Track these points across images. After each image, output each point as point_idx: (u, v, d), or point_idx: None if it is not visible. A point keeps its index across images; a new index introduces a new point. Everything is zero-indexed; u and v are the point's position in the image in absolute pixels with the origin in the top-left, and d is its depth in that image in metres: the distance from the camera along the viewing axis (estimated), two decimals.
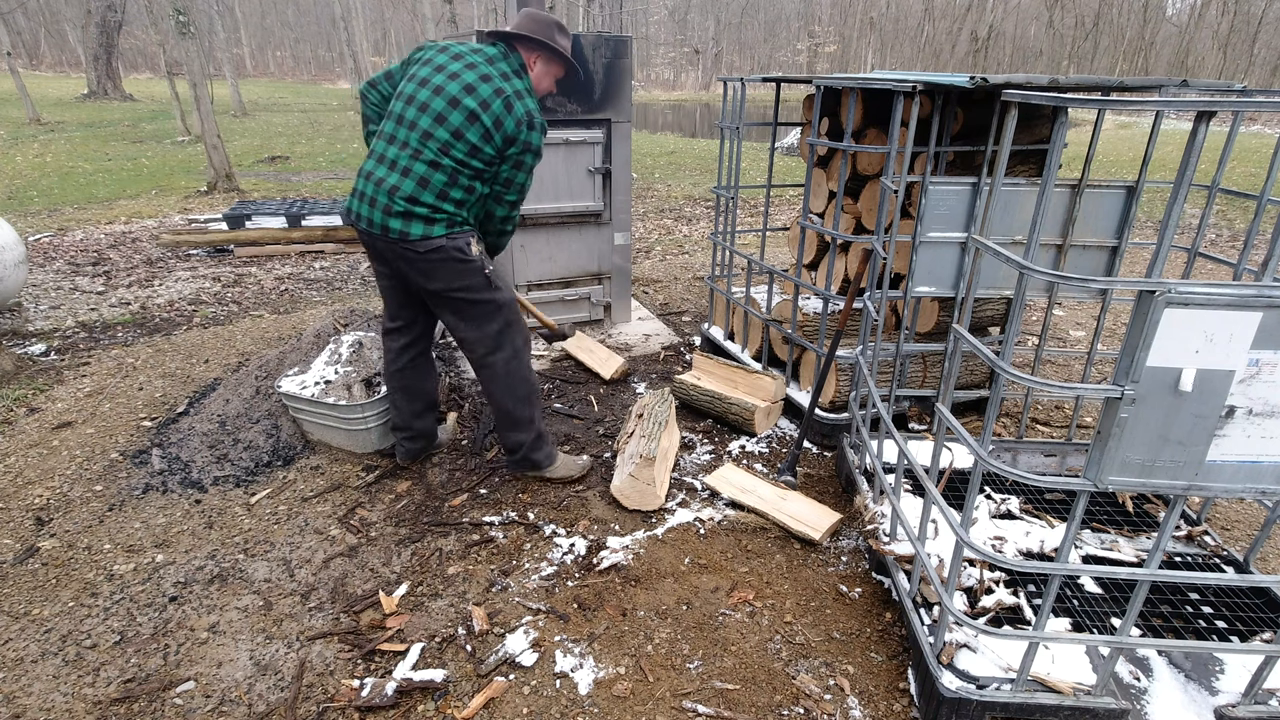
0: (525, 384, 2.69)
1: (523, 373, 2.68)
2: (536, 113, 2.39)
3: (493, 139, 2.34)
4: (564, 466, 2.89)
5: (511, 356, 2.64)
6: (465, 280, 2.47)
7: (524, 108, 2.35)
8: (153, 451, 3.09)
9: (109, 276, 5.64)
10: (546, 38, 2.44)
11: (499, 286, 2.56)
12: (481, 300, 2.53)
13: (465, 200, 2.41)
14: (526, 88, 2.42)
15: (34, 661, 2.04)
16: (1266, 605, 2.08)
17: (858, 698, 1.97)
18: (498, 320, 2.58)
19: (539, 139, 2.40)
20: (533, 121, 2.37)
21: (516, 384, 2.67)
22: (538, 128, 2.39)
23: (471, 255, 2.46)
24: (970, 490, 1.62)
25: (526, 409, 2.72)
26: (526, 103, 2.36)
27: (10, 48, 18.14)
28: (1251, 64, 27.62)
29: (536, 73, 2.50)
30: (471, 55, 2.40)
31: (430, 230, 2.37)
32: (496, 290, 2.55)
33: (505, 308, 2.59)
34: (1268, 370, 1.34)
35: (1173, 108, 1.34)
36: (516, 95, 2.35)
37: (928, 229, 2.40)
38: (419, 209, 2.35)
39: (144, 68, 36.91)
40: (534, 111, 2.38)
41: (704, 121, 23.17)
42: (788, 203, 9.06)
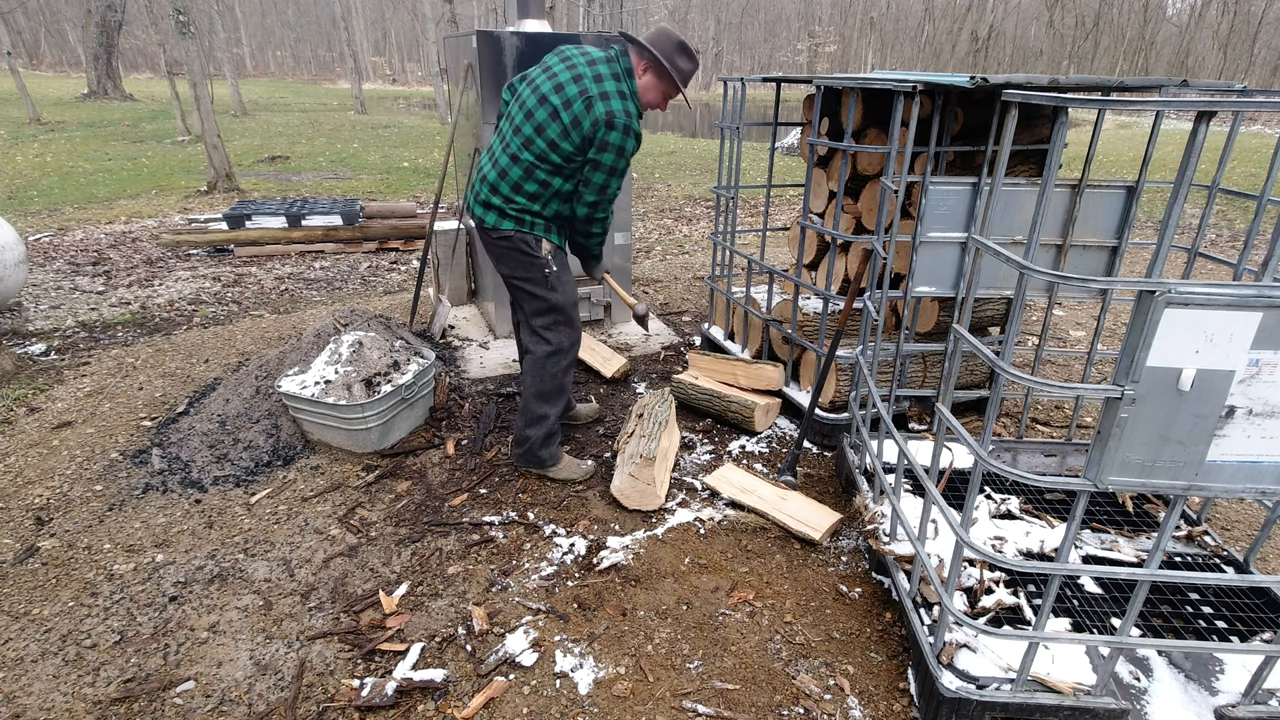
0: (554, 382, 2.76)
1: (555, 371, 2.75)
2: (622, 114, 2.38)
3: (570, 136, 2.39)
4: (567, 468, 2.92)
5: (551, 353, 2.72)
6: (527, 272, 2.61)
7: (606, 108, 2.35)
8: (153, 451, 3.09)
9: (109, 276, 5.64)
10: (660, 52, 2.45)
11: (556, 288, 2.64)
12: (538, 295, 2.65)
13: (540, 194, 2.49)
14: (623, 90, 2.42)
15: (34, 661, 2.04)
16: (1266, 605, 2.08)
17: (858, 698, 1.97)
18: (548, 316, 2.69)
19: (619, 139, 2.38)
20: (613, 121, 2.37)
21: (546, 379, 2.75)
22: (619, 128, 2.37)
23: (536, 252, 2.58)
24: (970, 490, 1.62)
25: (546, 407, 2.78)
26: (613, 104, 2.36)
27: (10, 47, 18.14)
28: (1251, 64, 27.62)
29: (644, 82, 2.50)
30: (578, 56, 2.46)
31: (501, 223, 2.54)
32: (553, 290, 2.64)
33: (559, 309, 2.68)
34: (1268, 370, 1.34)
35: (1173, 108, 1.34)
36: (603, 96, 2.36)
37: (928, 229, 2.40)
38: (495, 199, 2.53)
39: (144, 68, 36.90)
40: (617, 112, 2.37)
41: (704, 121, 23.17)
42: (788, 203, 9.06)
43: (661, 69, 2.47)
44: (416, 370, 3.20)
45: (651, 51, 2.44)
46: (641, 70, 2.49)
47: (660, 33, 2.49)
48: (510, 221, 2.55)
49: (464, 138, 4.47)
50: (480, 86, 3.74)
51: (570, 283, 2.73)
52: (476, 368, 3.98)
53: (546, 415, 2.79)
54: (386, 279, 5.86)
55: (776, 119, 3.59)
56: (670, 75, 2.48)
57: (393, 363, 3.21)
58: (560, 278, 2.67)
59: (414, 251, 6.69)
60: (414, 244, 6.75)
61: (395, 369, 3.19)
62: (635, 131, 2.41)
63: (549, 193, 2.51)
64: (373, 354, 3.21)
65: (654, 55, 2.44)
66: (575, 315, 2.75)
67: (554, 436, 2.87)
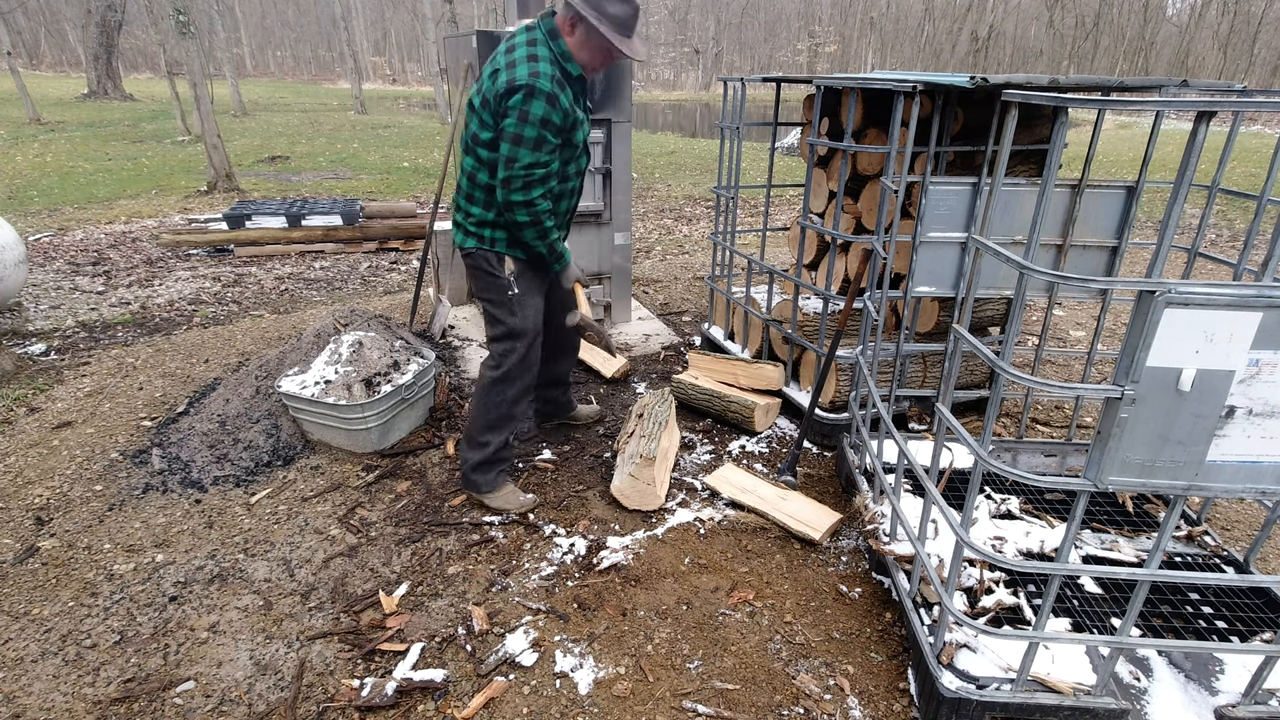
0: (499, 410, 2.61)
1: (500, 400, 2.60)
2: (525, 77, 2.13)
3: (486, 122, 2.26)
4: (503, 498, 2.73)
5: (500, 378, 2.58)
6: (489, 293, 2.52)
7: (508, 77, 2.15)
8: (153, 451, 3.09)
9: (109, 276, 5.64)
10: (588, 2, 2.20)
11: (516, 312, 2.51)
12: (498, 317, 2.54)
13: (487, 201, 2.39)
14: (534, 54, 2.20)
15: (34, 661, 2.04)
16: (1266, 605, 2.08)
17: (858, 698, 1.97)
18: (504, 342, 2.56)
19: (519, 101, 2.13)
20: (513, 85, 2.14)
21: (491, 405, 2.60)
22: (520, 90, 2.13)
23: (497, 271, 2.47)
24: (970, 490, 1.62)
25: (489, 434, 2.64)
26: (516, 70, 2.15)
27: (10, 47, 18.14)
28: (1251, 64, 27.63)
29: (574, 41, 2.27)
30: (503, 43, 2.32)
31: (465, 241, 2.49)
32: (512, 315, 2.52)
33: (516, 335, 2.54)
34: (1268, 370, 1.34)
35: (1173, 108, 1.34)
36: (509, 66, 2.18)
37: (928, 229, 2.40)
38: (458, 215, 2.50)
39: (144, 68, 36.90)
40: (519, 77, 2.13)
41: (704, 121, 23.16)
42: (788, 203, 9.06)
43: (588, 22, 2.21)
44: (416, 370, 3.20)
45: (572, 5, 2.20)
46: (569, 28, 2.26)
47: None
48: (472, 239, 2.45)
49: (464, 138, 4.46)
50: None
51: (534, 309, 2.57)
52: (476, 368, 3.98)
53: (487, 443, 2.64)
54: (386, 279, 5.86)
55: (776, 119, 3.59)
56: (597, 26, 2.20)
57: (393, 363, 3.21)
58: (523, 302, 2.51)
59: (414, 251, 6.69)
60: (414, 244, 6.75)
61: (395, 369, 3.19)
62: (544, 92, 2.14)
63: (492, 197, 2.35)
64: (373, 354, 3.21)
65: (575, 8, 2.20)
66: (533, 346, 2.59)
67: (493, 465, 2.70)
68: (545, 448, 3.21)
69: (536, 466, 3.06)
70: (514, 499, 2.74)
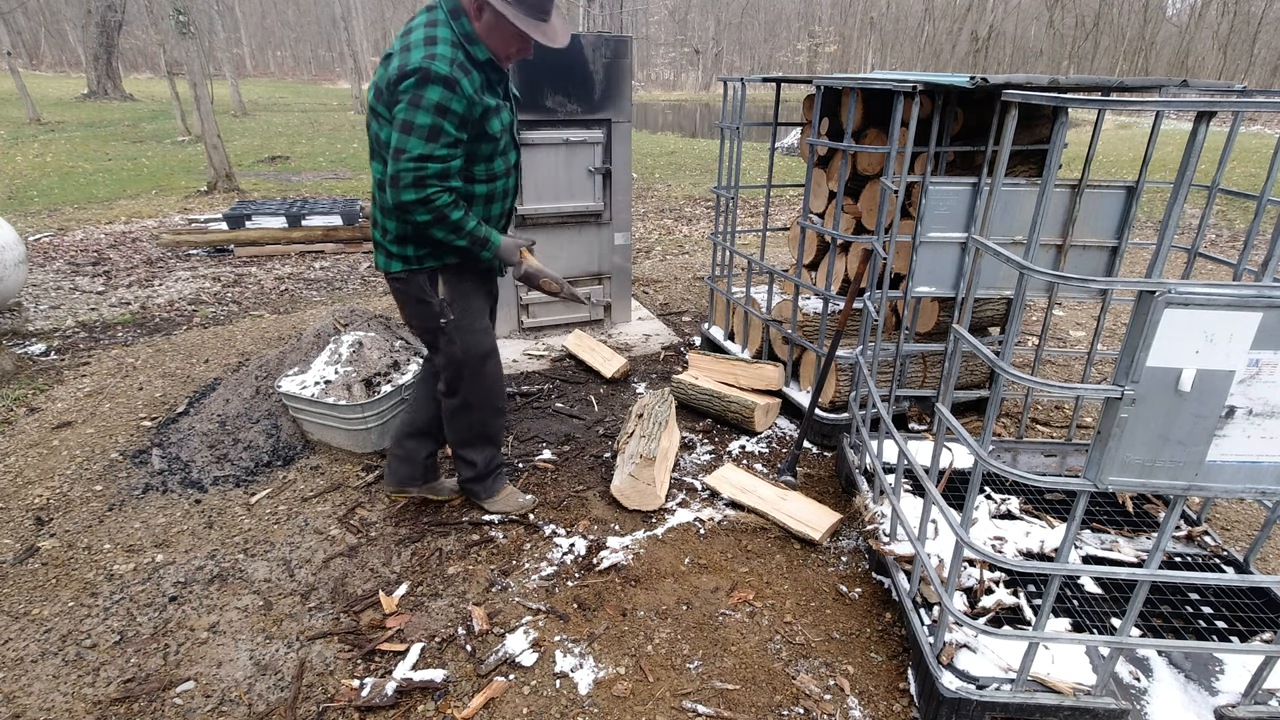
0: (470, 431, 2.51)
1: (469, 421, 2.48)
2: (419, 60, 1.90)
3: (384, 117, 2.01)
4: (502, 501, 2.69)
5: (459, 407, 2.44)
6: (423, 321, 2.31)
7: (401, 61, 1.93)
8: (153, 451, 3.09)
9: (109, 276, 5.64)
10: None
11: (455, 341, 2.30)
12: (438, 347, 2.34)
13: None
14: (431, 36, 1.96)
15: (34, 661, 2.04)
16: (1266, 605, 2.08)
17: (858, 698, 1.97)
18: (450, 370, 2.37)
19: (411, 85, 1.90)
20: (404, 69, 1.91)
21: (460, 430, 2.51)
22: (413, 75, 1.90)
23: (429, 297, 2.24)
24: (970, 490, 1.62)
25: (471, 451, 2.56)
26: (410, 55, 1.92)
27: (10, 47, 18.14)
28: (1251, 64, 27.63)
29: (484, 25, 2.02)
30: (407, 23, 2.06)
31: (390, 265, 2.23)
32: (452, 344, 2.31)
33: (459, 364, 2.35)
34: (1268, 370, 1.34)
35: (1173, 108, 1.34)
36: (404, 49, 1.95)
37: (928, 229, 2.40)
38: (375, 234, 2.25)
39: (144, 68, 36.90)
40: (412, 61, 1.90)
41: (704, 121, 23.17)
42: (788, 203, 9.05)
43: (493, 7, 1.97)
44: (416, 370, 3.20)
45: None
46: (475, 12, 2.01)
47: None
48: (397, 261, 2.20)
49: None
50: None
51: (478, 331, 2.36)
52: None
53: (473, 460, 2.57)
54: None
55: (776, 119, 3.59)
56: (504, 12, 1.97)
57: (393, 363, 3.21)
58: (461, 327, 2.30)
59: None
60: None
61: (395, 369, 3.19)
62: (441, 75, 1.90)
63: None
64: (372, 354, 3.21)
65: None
66: (487, 366, 2.40)
67: (487, 476, 2.64)
68: (545, 448, 3.21)
69: (537, 466, 3.06)
70: (513, 500, 2.71)
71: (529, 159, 3.94)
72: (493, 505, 2.70)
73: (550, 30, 2.07)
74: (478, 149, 2.10)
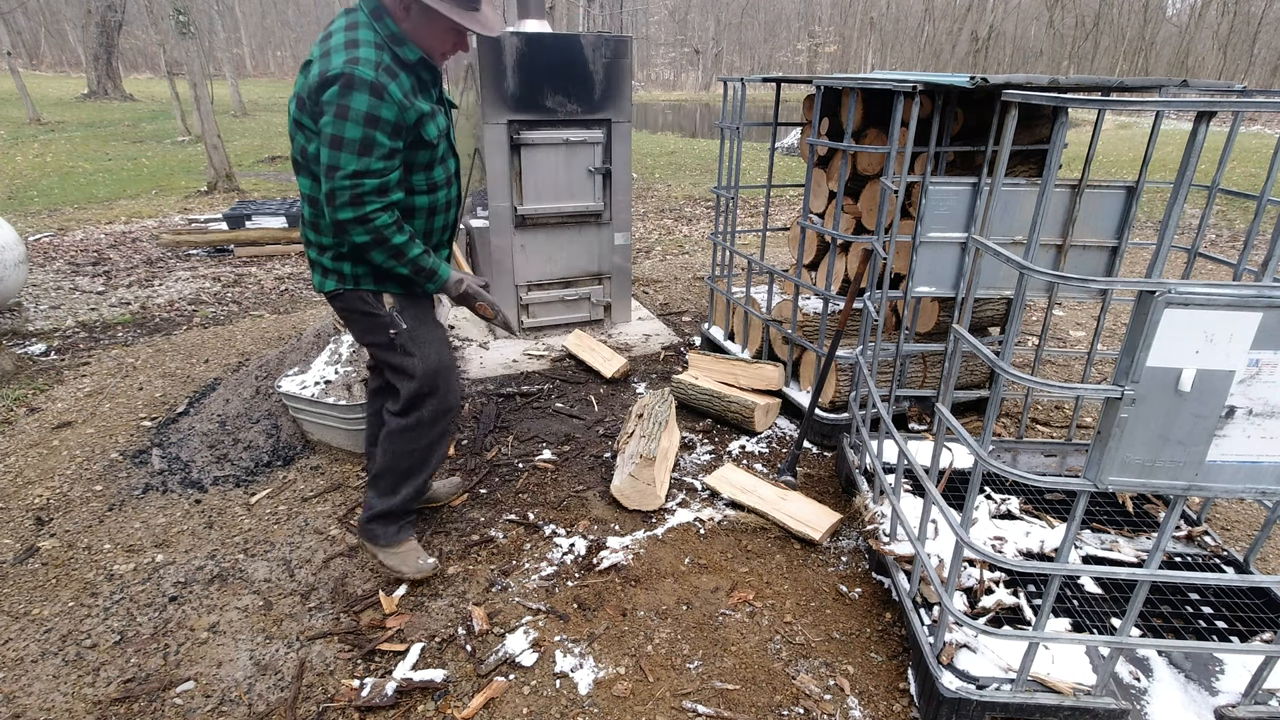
0: (410, 459, 2.25)
1: (414, 447, 2.24)
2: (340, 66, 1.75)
3: (308, 128, 1.87)
4: (400, 557, 2.33)
5: (410, 425, 2.20)
6: (374, 336, 2.13)
7: (322, 67, 1.78)
8: (153, 451, 3.09)
9: (109, 276, 5.64)
10: None
11: (412, 353, 2.11)
12: (392, 363, 2.15)
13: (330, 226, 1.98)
14: (355, 39, 1.82)
15: (34, 661, 2.04)
16: (1266, 605, 2.08)
17: (858, 698, 1.97)
18: (408, 385, 2.15)
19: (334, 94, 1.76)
20: (325, 77, 1.76)
21: (401, 455, 2.24)
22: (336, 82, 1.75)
23: (376, 309, 2.07)
24: (970, 490, 1.62)
25: (396, 481, 2.27)
26: (331, 60, 1.78)
27: (10, 47, 18.15)
28: (1251, 64, 27.63)
29: (412, 26, 1.88)
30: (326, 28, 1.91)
31: (325, 283, 2.08)
32: (408, 356, 2.11)
33: (420, 378, 2.14)
34: (1268, 370, 1.34)
35: (1173, 108, 1.34)
36: (324, 55, 1.81)
37: (928, 229, 2.40)
38: (310, 253, 2.08)
39: (144, 68, 36.90)
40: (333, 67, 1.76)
41: (704, 121, 23.17)
42: (788, 203, 9.05)
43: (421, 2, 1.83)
44: None
45: None
46: (403, 10, 1.87)
47: None
48: (332, 278, 2.04)
49: (464, 138, 4.47)
50: (480, 86, 3.74)
51: (434, 341, 2.16)
52: (476, 368, 3.98)
53: (394, 490, 2.27)
54: None
55: (776, 119, 3.59)
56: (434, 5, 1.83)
57: None
58: (415, 336, 2.11)
59: None
60: None
61: None
62: (366, 81, 1.76)
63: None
64: None
65: None
66: (444, 381, 2.19)
67: (395, 519, 2.33)
68: (545, 448, 3.21)
69: (537, 466, 3.06)
70: (413, 561, 2.33)
71: (529, 159, 3.94)
72: (389, 559, 2.32)
73: (483, 18, 1.93)
74: (415, 157, 1.96)
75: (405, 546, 2.35)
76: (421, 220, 2.09)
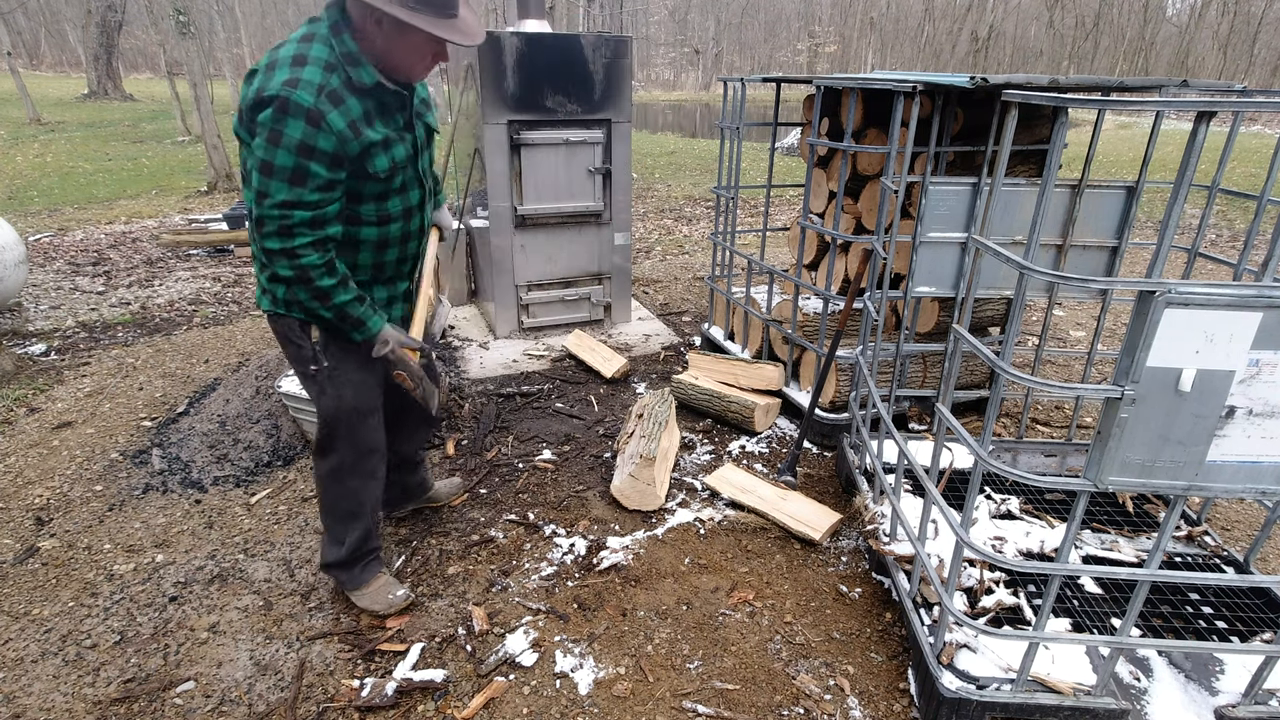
0: (344, 502, 2.15)
1: (341, 491, 2.13)
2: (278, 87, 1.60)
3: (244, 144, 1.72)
4: (370, 597, 2.24)
5: (332, 469, 2.10)
6: (297, 366, 2.01)
7: (261, 83, 1.63)
8: (153, 451, 3.09)
9: (109, 276, 5.64)
10: None
11: (326, 390, 1.98)
12: (310, 396, 2.06)
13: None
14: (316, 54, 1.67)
15: (34, 661, 2.04)
16: (1266, 605, 2.08)
17: (858, 698, 1.97)
18: (323, 427, 2.05)
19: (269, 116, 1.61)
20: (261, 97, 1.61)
21: (332, 499, 2.16)
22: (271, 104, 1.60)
23: (302, 340, 1.94)
24: (970, 490, 1.62)
25: (339, 526, 2.18)
26: (273, 76, 1.62)
27: (10, 48, 18.15)
28: (1251, 64, 27.64)
29: (382, 43, 1.72)
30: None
31: (260, 300, 1.98)
32: (323, 394, 1.99)
33: (331, 421, 2.03)
34: (1268, 370, 1.34)
35: (1173, 108, 1.34)
36: (267, 67, 1.65)
37: (928, 229, 2.40)
38: (255, 265, 1.94)
39: (144, 68, 36.90)
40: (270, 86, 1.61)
41: (704, 121, 23.17)
42: (788, 203, 9.06)
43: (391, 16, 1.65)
44: None
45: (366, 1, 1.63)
46: (373, 25, 1.70)
47: None
48: (266, 298, 1.93)
49: (464, 138, 4.48)
50: (480, 86, 3.74)
51: (353, 384, 2.01)
52: (476, 368, 3.98)
53: (342, 539, 2.18)
54: None
55: (776, 119, 3.59)
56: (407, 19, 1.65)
57: None
58: (335, 378, 1.97)
59: None
60: None
61: None
62: (303, 107, 1.60)
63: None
64: None
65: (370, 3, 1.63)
66: (349, 426, 2.04)
67: (354, 564, 2.23)
68: (545, 448, 3.21)
69: (537, 466, 3.06)
70: (383, 597, 2.24)
71: (529, 159, 3.94)
72: (360, 600, 2.24)
73: (463, 25, 1.76)
74: (363, 187, 1.80)
75: (373, 585, 2.26)
76: (368, 254, 1.92)
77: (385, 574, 2.30)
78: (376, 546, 2.28)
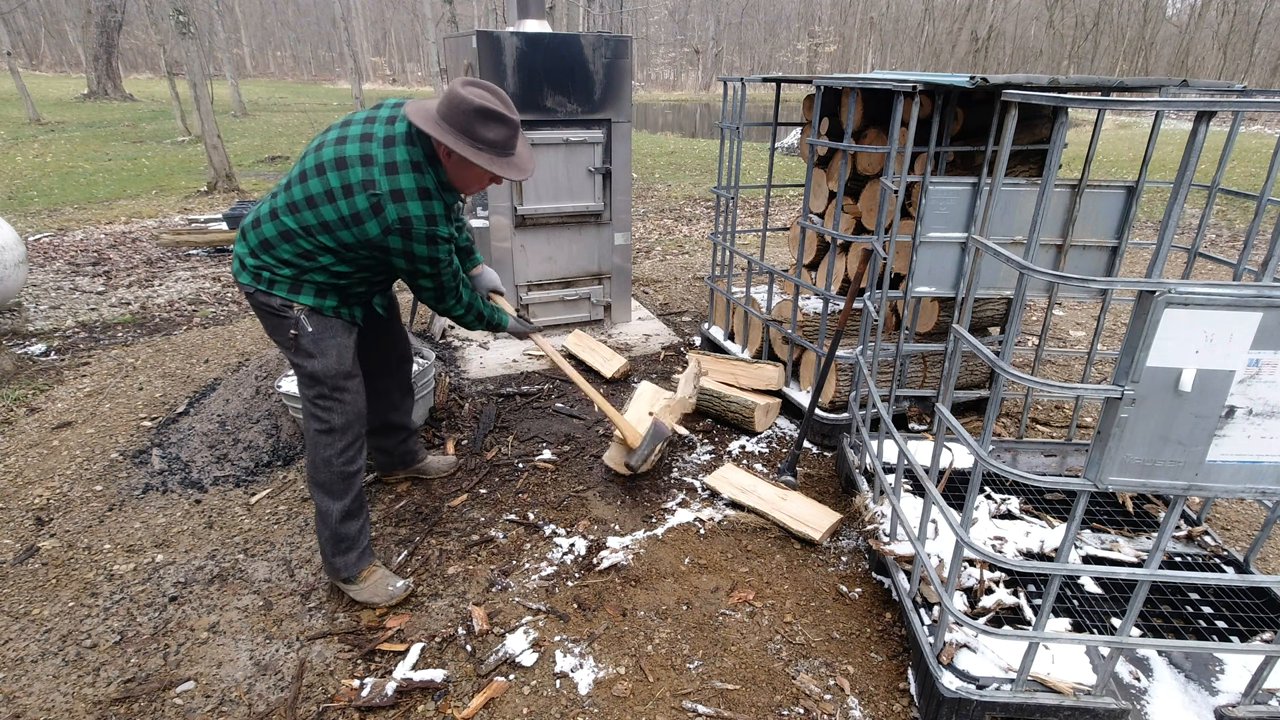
0: (329, 470, 2.21)
1: (328, 455, 2.20)
2: (422, 221, 1.95)
3: (350, 228, 1.99)
4: (370, 589, 2.28)
5: (321, 431, 2.19)
6: (278, 334, 2.14)
7: (399, 213, 1.93)
8: (153, 451, 3.09)
9: (109, 276, 5.64)
10: (455, 128, 1.95)
11: (314, 353, 2.12)
12: (296, 362, 2.16)
13: (299, 264, 2.06)
14: (425, 186, 1.97)
15: (34, 661, 2.04)
16: (1266, 605, 2.08)
17: (858, 698, 1.97)
18: (312, 388, 2.16)
19: (425, 250, 2.01)
20: (409, 230, 1.95)
21: (318, 466, 2.22)
22: (418, 239, 1.97)
23: (284, 312, 2.09)
24: (970, 490, 1.62)
25: (327, 500, 2.22)
26: (409, 207, 1.94)
27: (10, 48, 18.13)
28: (1251, 64, 27.63)
29: (452, 166, 2.04)
30: (373, 127, 2.00)
31: (240, 275, 2.12)
32: (309, 357, 2.12)
33: (320, 380, 2.14)
34: (1268, 370, 1.34)
35: (1173, 108, 1.34)
36: (394, 196, 1.93)
37: (928, 229, 2.40)
38: (239, 245, 2.13)
39: (144, 68, 36.90)
40: (415, 219, 1.95)
41: (704, 121, 23.17)
42: (788, 203, 9.05)
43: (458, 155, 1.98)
44: (415, 370, 3.20)
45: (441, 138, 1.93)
46: (444, 155, 2.01)
47: (450, 99, 1.94)
48: (248, 275, 2.08)
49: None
50: None
51: (338, 348, 2.16)
52: (476, 368, 3.98)
53: (327, 511, 2.22)
54: None
55: (776, 119, 3.59)
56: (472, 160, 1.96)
57: None
58: (319, 340, 2.12)
59: None
60: None
61: None
62: (439, 236, 2.01)
63: (314, 265, 2.06)
64: None
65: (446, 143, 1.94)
66: (349, 388, 2.19)
67: (345, 543, 2.24)
68: (545, 448, 3.21)
69: (537, 466, 3.06)
70: (382, 589, 2.28)
71: None
72: (358, 594, 2.28)
73: (518, 161, 2.08)
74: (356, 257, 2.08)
75: (371, 576, 2.29)
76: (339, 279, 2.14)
77: (381, 567, 2.35)
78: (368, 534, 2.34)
